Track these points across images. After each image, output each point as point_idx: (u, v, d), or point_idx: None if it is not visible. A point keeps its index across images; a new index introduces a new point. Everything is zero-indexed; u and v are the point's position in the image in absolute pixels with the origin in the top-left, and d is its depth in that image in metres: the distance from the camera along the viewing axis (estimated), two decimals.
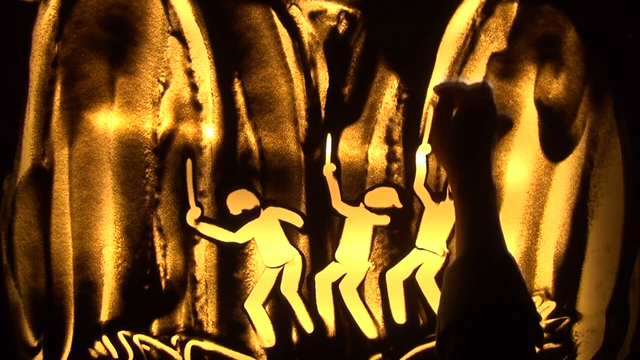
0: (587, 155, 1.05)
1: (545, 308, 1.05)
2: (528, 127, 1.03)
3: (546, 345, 1.06)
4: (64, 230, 0.94)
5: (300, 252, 0.98)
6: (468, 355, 0.62)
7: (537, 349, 0.66)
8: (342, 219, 0.99)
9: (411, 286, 1.01)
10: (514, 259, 0.68)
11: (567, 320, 1.06)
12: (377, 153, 0.99)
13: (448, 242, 1.02)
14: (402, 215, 1.00)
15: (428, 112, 1.00)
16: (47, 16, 0.91)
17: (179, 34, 0.94)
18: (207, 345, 0.98)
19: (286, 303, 0.98)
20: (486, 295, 0.64)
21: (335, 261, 0.99)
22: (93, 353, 0.96)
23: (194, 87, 0.95)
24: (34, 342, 0.95)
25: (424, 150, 1.00)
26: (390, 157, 1.00)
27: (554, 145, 1.04)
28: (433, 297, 1.01)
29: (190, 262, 0.97)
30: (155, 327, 0.97)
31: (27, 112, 0.92)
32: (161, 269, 0.97)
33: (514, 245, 1.04)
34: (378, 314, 1.01)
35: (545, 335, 1.06)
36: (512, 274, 0.67)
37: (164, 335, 0.97)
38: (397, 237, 1.01)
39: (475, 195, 0.73)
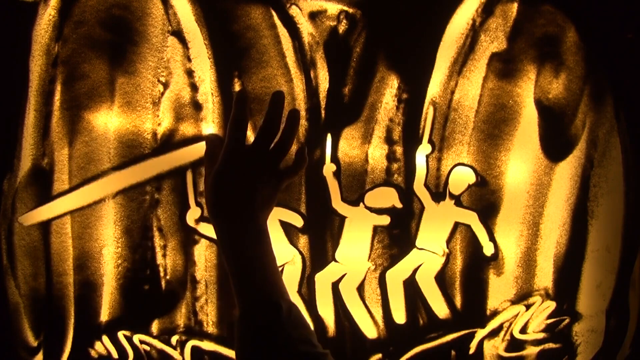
0: (587, 155, 1.05)
1: (545, 308, 1.05)
2: (528, 127, 1.03)
3: (546, 345, 1.06)
4: (64, 230, 0.94)
5: (300, 252, 0.98)
6: None
7: None
8: (342, 219, 0.99)
9: (411, 286, 1.01)
10: (289, 303, 0.70)
11: (567, 320, 1.06)
12: (377, 153, 0.99)
13: (448, 242, 1.02)
14: (402, 215, 1.00)
15: (428, 112, 1.00)
16: (47, 16, 0.91)
17: (179, 34, 0.94)
18: (207, 345, 0.98)
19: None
20: (266, 346, 0.67)
21: (335, 261, 0.99)
22: (93, 353, 0.96)
23: (194, 87, 0.95)
24: (34, 342, 0.95)
25: (424, 150, 1.00)
26: (390, 157, 1.00)
27: (554, 145, 1.04)
28: (433, 297, 1.01)
29: (190, 262, 0.97)
30: (155, 327, 0.97)
31: (27, 112, 0.92)
32: (161, 269, 0.97)
33: (514, 245, 1.04)
34: (378, 314, 1.01)
35: (545, 335, 1.06)
36: (286, 318, 0.68)
37: (164, 335, 0.97)
38: (397, 237, 1.01)
39: (244, 248, 0.72)
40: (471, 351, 1.04)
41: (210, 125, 0.95)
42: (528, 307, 1.04)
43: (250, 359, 0.68)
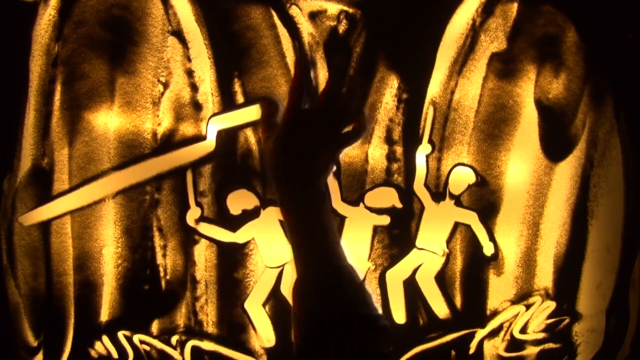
0: (587, 155, 1.05)
1: (545, 308, 1.05)
2: (528, 127, 1.03)
3: (546, 345, 1.06)
4: (64, 230, 0.94)
5: None
6: None
7: (389, 347, 0.71)
8: (342, 219, 0.99)
9: (411, 286, 1.01)
10: (348, 265, 0.71)
11: (567, 320, 1.06)
12: (377, 153, 0.99)
13: (448, 242, 1.02)
14: (402, 215, 1.00)
15: (428, 112, 1.00)
16: (47, 16, 0.91)
17: (179, 34, 0.94)
18: (207, 345, 0.98)
19: (286, 303, 0.98)
20: (325, 308, 0.68)
21: None
22: (93, 353, 0.96)
23: (194, 87, 0.95)
24: (34, 342, 0.95)
25: (424, 150, 1.00)
26: (390, 157, 1.00)
27: (554, 145, 1.04)
28: (433, 297, 1.01)
29: (190, 262, 0.97)
30: (155, 327, 0.97)
31: (27, 112, 0.92)
32: (161, 269, 0.97)
33: (514, 245, 1.04)
34: None
35: (545, 335, 1.06)
36: (347, 284, 0.69)
37: (164, 335, 0.97)
38: (397, 237, 1.01)
39: (305, 209, 0.73)
40: (471, 351, 1.04)
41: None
42: (528, 307, 1.04)
43: (309, 322, 0.69)
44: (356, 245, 0.99)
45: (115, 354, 0.96)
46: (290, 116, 0.76)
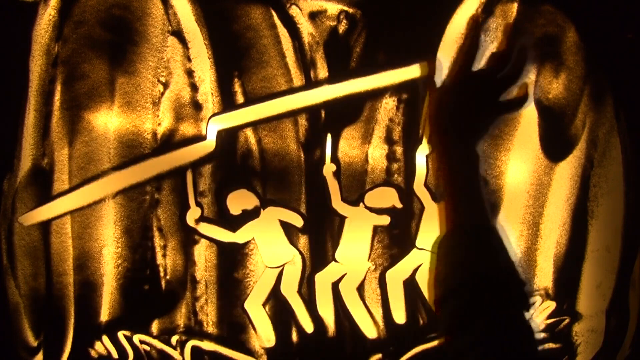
0: (587, 155, 1.05)
1: (545, 308, 1.05)
2: (528, 127, 1.03)
3: (546, 345, 1.06)
4: (64, 230, 0.94)
5: (300, 252, 0.98)
6: (465, 319, 0.69)
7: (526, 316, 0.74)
8: (342, 219, 0.99)
9: (411, 286, 1.01)
10: (495, 228, 0.76)
11: (567, 320, 1.06)
12: (377, 153, 0.99)
13: None
14: (402, 215, 1.00)
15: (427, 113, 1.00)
16: (47, 16, 0.91)
17: (179, 34, 0.94)
18: (207, 345, 0.98)
19: (286, 303, 0.98)
20: (471, 268, 0.72)
21: (335, 261, 0.99)
22: (93, 353, 0.96)
23: (194, 87, 0.95)
24: (34, 342, 0.95)
25: (424, 150, 1.00)
26: (390, 157, 1.00)
27: (554, 145, 1.04)
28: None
29: (190, 262, 0.97)
30: (155, 327, 0.97)
31: (27, 112, 0.92)
32: (161, 269, 0.97)
33: (514, 245, 1.04)
34: (378, 314, 1.01)
35: (545, 335, 1.06)
36: (494, 244, 0.74)
37: (164, 335, 0.97)
38: (397, 237, 1.01)
39: (461, 166, 0.79)
40: None
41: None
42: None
43: (456, 274, 0.72)
44: (356, 245, 0.99)
45: (115, 354, 0.96)
46: (461, 75, 0.82)
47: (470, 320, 0.68)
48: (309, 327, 0.99)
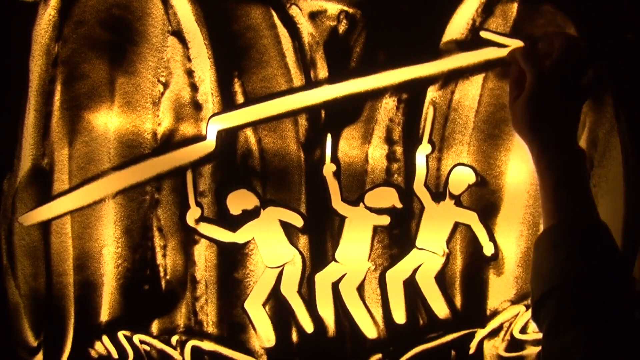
0: (587, 155, 1.05)
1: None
2: None
3: None
4: (64, 230, 0.94)
5: (300, 252, 0.98)
6: (566, 320, 0.66)
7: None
8: (342, 219, 0.99)
9: (411, 286, 1.01)
10: (604, 224, 0.72)
11: None
12: (377, 153, 0.99)
13: (448, 242, 1.02)
14: (402, 215, 1.00)
15: (428, 112, 1.00)
16: (47, 16, 0.91)
17: (179, 34, 0.94)
18: (207, 345, 0.98)
19: (286, 303, 0.98)
20: (579, 262, 0.68)
21: (335, 261, 0.99)
22: (93, 353, 0.96)
23: (194, 87, 0.95)
24: (34, 342, 0.95)
25: (424, 150, 1.00)
26: (390, 157, 1.00)
27: None
28: (433, 297, 1.01)
29: (190, 262, 0.97)
30: (155, 327, 0.97)
31: (27, 112, 0.92)
32: (161, 269, 0.97)
33: (514, 245, 1.04)
34: (378, 314, 1.01)
35: None
36: (603, 240, 0.71)
37: (164, 335, 0.97)
38: (397, 237, 1.01)
39: (563, 161, 0.78)
40: (471, 351, 1.04)
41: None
42: (528, 307, 1.04)
43: (555, 272, 0.70)
44: (356, 245, 0.99)
45: (115, 354, 0.96)
46: (538, 77, 0.83)
47: (579, 316, 0.65)
48: (309, 327, 0.99)
